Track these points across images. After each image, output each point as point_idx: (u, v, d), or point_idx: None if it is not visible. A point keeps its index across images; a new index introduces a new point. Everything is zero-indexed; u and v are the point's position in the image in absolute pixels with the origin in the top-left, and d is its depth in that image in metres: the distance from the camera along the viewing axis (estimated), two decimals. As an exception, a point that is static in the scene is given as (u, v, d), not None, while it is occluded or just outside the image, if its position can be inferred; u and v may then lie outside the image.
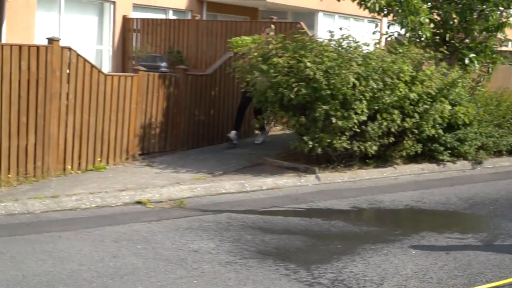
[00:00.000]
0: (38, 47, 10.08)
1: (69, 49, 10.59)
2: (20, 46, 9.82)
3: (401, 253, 7.67)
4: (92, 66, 11.16)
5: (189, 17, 23.03)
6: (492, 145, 13.90)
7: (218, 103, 13.93)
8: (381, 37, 15.83)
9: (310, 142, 11.50)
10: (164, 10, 23.10)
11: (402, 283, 6.65)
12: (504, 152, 14.37)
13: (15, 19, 16.68)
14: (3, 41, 15.95)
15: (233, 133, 13.50)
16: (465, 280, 6.79)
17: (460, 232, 8.96)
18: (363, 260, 7.37)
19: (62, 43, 10.56)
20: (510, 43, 41.14)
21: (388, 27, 16.29)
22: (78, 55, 10.69)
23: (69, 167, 10.56)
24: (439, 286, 6.62)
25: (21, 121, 9.76)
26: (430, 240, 8.39)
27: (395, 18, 14.11)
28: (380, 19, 16.54)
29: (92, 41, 20.07)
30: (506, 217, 9.86)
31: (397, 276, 6.85)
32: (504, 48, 37.03)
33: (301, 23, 17.30)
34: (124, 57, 20.21)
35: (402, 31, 14.43)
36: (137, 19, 20.37)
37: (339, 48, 12.38)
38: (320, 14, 25.99)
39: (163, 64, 16.78)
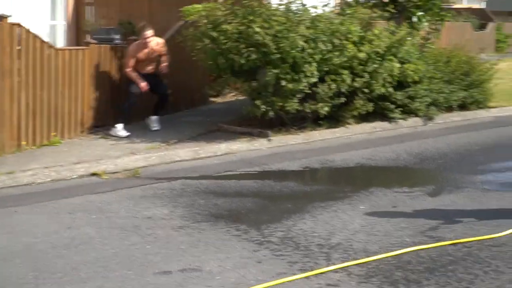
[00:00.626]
0: (-13, 25, 10.04)
1: (19, 25, 10.51)
2: (-31, 24, 9.78)
3: (349, 209, 7.87)
4: (42, 41, 11.12)
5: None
6: (443, 101, 14.19)
7: (171, 72, 13.97)
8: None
9: (263, 106, 11.67)
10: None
11: (349, 237, 6.84)
12: (455, 107, 14.70)
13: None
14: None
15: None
16: (411, 232, 7.00)
17: (409, 186, 9.19)
18: (312, 217, 7.54)
19: (14, 20, 10.59)
20: (466, 0, 41.73)
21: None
22: (28, 31, 10.61)
23: (24, 143, 10.55)
24: (386, 238, 6.81)
25: (-28, 100, 9.75)
26: (379, 195, 8.56)
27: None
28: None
29: (46, 16, 19.83)
30: (454, 170, 10.12)
31: (345, 231, 7.03)
32: (458, 6, 37.45)
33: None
34: (78, 31, 19.99)
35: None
36: (88, -9, 20.16)
37: (288, 12, 12.41)
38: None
39: (117, 36, 16.71)
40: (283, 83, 11.57)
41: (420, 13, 14.57)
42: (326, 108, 12.11)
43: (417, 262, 6.20)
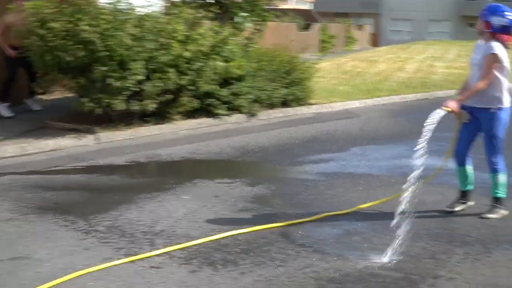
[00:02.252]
0: None
1: None
2: None
3: (174, 199, 8.17)
4: None
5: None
6: (266, 98, 14.61)
7: (-2, 69, 13.73)
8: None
9: (90, 103, 11.74)
10: None
11: (172, 224, 7.16)
12: (277, 104, 15.13)
13: None
14: None
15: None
16: (230, 218, 7.46)
17: (230, 177, 9.48)
18: (138, 207, 7.78)
19: None
20: (294, 2, 43.20)
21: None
22: None
23: None
24: (206, 224, 7.18)
25: None
26: (202, 186, 8.89)
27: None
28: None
29: None
30: (274, 162, 10.62)
31: (169, 219, 7.33)
32: (285, 7, 38.61)
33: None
34: None
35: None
36: None
37: (115, 11, 12.47)
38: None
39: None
40: (111, 80, 11.68)
41: (244, 14, 15.07)
42: (153, 105, 12.32)
43: (234, 244, 6.53)
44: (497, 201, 7.60)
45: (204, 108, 13.51)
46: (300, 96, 15.85)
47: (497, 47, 7.39)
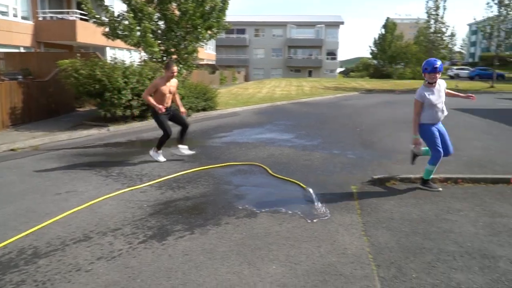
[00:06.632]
0: None
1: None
2: None
3: (151, 158, 7.70)
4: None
5: (33, 50, 20.89)
6: (194, 107, 14.33)
7: (53, 94, 13.07)
8: (140, 58, 15.65)
9: (104, 112, 11.43)
10: (17, 46, 20.70)
11: (151, 170, 6.92)
12: (200, 109, 14.76)
13: None
14: None
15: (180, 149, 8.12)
16: (180, 166, 7.15)
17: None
18: (133, 162, 7.47)
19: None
20: (205, 60, 42.81)
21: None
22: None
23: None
24: (169, 169, 6.91)
25: None
26: (165, 150, 8.15)
27: (143, 48, 14.05)
28: (139, 49, 16.23)
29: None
30: (199, 137, 10.17)
31: (149, 167, 7.06)
32: (202, 62, 37.81)
33: (97, 53, 16.60)
34: (-5, 73, 17.75)
35: (148, 55, 14.38)
36: (0, 51, 17.98)
37: (114, 64, 12.00)
38: (108, 48, 24.85)
39: (19, 76, 15.16)
40: (113, 100, 11.31)
41: (181, 65, 14.90)
42: (138, 112, 11.95)
43: (183, 178, 6.38)
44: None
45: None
46: (211, 105, 15.61)
47: None
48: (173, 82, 7.56)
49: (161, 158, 7.67)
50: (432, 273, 3.66)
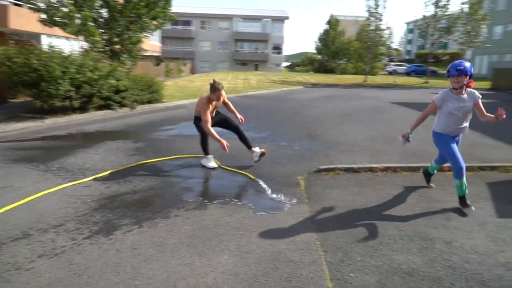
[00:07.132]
0: None
1: None
2: None
3: (93, 151, 7.52)
4: None
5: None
6: (139, 99, 13.97)
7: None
8: (81, 47, 15.03)
9: (40, 103, 10.83)
10: None
11: (94, 163, 6.68)
12: (145, 102, 14.43)
13: None
14: None
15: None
16: (125, 160, 6.96)
17: (123, 139, 8.77)
18: (74, 156, 7.16)
19: None
20: (149, 51, 41.72)
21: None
22: None
23: None
24: (113, 163, 6.73)
25: None
26: (109, 144, 8.20)
27: (85, 37, 13.46)
28: (80, 38, 15.52)
29: None
30: (145, 130, 9.94)
31: (92, 161, 6.82)
32: (147, 54, 36.88)
33: (32, 40, 15.70)
34: None
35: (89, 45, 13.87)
36: None
37: (52, 53, 11.44)
38: (44, 36, 23.44)
39: None
40: (50, 90, 10.71)
41: (125, 56, 14.48)
42: (78, 103, 11.46)
43: (130, 171, 6.21)
44: None
45: (106, 105, 12.63)
46: (157, 97, 15.27)
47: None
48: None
49: (212, 164, 6.71)
50: (375, 255, 3.85)
